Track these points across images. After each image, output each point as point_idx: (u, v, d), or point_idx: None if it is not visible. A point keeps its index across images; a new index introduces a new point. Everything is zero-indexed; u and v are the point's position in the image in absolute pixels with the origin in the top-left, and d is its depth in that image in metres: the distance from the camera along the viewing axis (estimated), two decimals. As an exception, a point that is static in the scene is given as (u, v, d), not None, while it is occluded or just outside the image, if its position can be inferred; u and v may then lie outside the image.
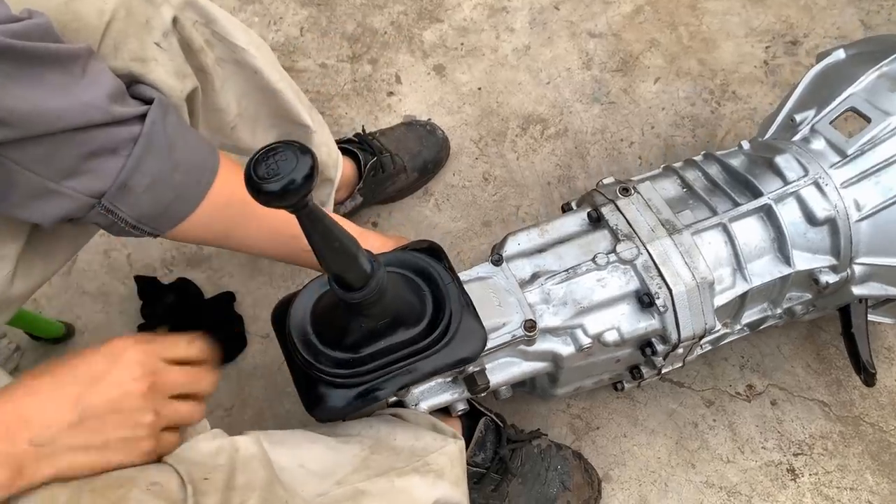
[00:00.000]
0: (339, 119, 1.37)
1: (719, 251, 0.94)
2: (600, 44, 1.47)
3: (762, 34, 1.50)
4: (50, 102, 0.59)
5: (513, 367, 0.92)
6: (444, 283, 0.79)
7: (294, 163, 0.52)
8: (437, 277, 0.79)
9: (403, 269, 0.80)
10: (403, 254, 0.82)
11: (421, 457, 0.76)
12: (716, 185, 0.99)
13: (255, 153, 0.54)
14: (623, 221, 0.94)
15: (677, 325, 0.91)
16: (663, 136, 1.38)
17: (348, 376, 0.74)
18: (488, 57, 1.45)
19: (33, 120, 0.58)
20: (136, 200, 0.68)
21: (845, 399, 1.15)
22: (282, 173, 0.52)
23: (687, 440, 1.11)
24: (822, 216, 0.93)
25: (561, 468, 0.99)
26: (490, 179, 1.32)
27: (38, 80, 0.58)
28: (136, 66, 0.71)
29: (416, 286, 0.79)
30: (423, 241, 0.86)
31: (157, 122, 0.67)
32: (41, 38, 0.59)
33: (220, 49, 0.82)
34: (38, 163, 0.61)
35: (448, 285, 0.79)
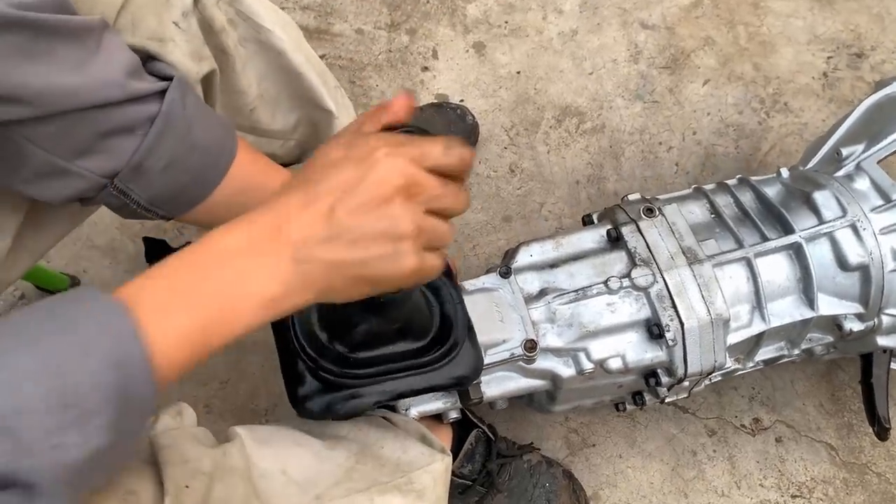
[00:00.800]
0: (369, 91, 1.32)
1: (740, 287, 0.89)
2: (652, 36, 1.40)
3: (826, 42, 1.41)
4: (65, 79, 0.56)
5: (509, 381, 0.90)
6: (453, 302, 0.77)
7: None
8: (445, 294, 0.77)
9: None
10: None
11: (406, 472, 0.74)
12: (746, 215, 0.94)
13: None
14: (643, 244, 0.89)
15: (685, 361, 0.87)
16: (704, 143, 1.31)
17: (340, 375, 0.72)
18: (532, 38, 1.38)
19: (47, 97, 0.55)
20: (150, 182, 0.66)
21: (854, 445, 1.11)
22: None
23: (683, 468, 1.08)
24: (856, 262, 0.88)
25: (549, 486, 0.98)
26: (517, 171, 1.27)
27: (52, 54, 0.55)
28: (152, 44, 0.68)
29: (427, 299, 0.76)
30: None
31: (176, 100, 0.64)
32: (55, 9, 0.56)
33: (243, 28, 0.78)
34: (50, 140, 0.58)
35: (457, 305, 0.77)
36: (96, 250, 1.16)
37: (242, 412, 1.09)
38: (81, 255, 1.16)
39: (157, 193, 0.66)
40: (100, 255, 1.16)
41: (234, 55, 0.77)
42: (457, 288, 0.80)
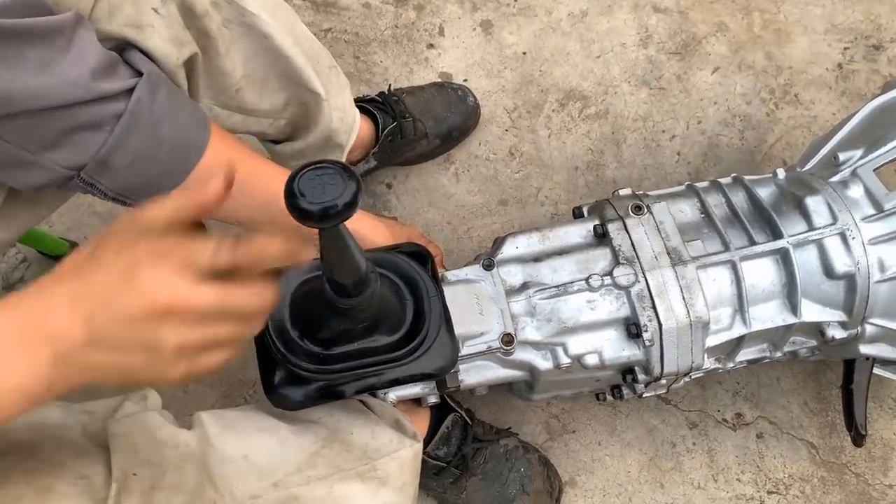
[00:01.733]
0: (373, 67, 1.32)
1: (723, 289, 0.89)
2: (663, 20, 1.37)
3: (843, 32, 1.37)
4: (30, 81, 0.57)
5: (488, 371, 0.91)
6: (428, 296, 0.78)
7: (339, 189, 0.50)
8: (421, 288, 0.77)
9: (391, 273, 0.78)
10: (393, 256, 0.80)
11: (371, 459, 0.76)
12: (736, 216, 0.93)
13: (299, 168, 0.52)
14: (627, 243, 0.89)
15: (661, 360, 0.88)
16: (709, 133, 1.30)
17: (313, 371, 0.74)
18: (541, 18, 1.36)
19: (12, 99, 0.57)
20: (116, 175, 0.67)
21: (836, 444, 1.11)
22: (326, 196, 0.50)
23: (661, 459, 1.10)
24: (842, 271, 0.87)
25: (524, 471, 1.00)
26: (516, 155, 1.27)
27: (18, 58, 0.56)
28: (130, 31, 0.68)
29: (400, 293, 0.77)
30: (412, 244, 0.84)
31: (143, 98, 0.65)
32: (24, 11, 0.57)
33: (227, 11, 0.78)
34: (15, 135, 0.60)
35: (432, 298, 0.78)
36: (97, 217, 1.18)
37: (231, 382, 1.12)
38: (83, 222, 1.18)
39: (124, 186, 0.67)
40: (101, 222, 1.18)
41: (218, 38, 0.77)
42: (436, 280, 0.81)
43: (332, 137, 0.99)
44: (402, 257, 0.80)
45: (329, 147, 1.01)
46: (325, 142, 0.99)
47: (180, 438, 0.66)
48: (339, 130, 0.99)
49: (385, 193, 1.24)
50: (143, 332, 0.47)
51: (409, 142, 1.16)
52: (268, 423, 0.76)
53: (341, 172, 0.51)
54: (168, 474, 0.61)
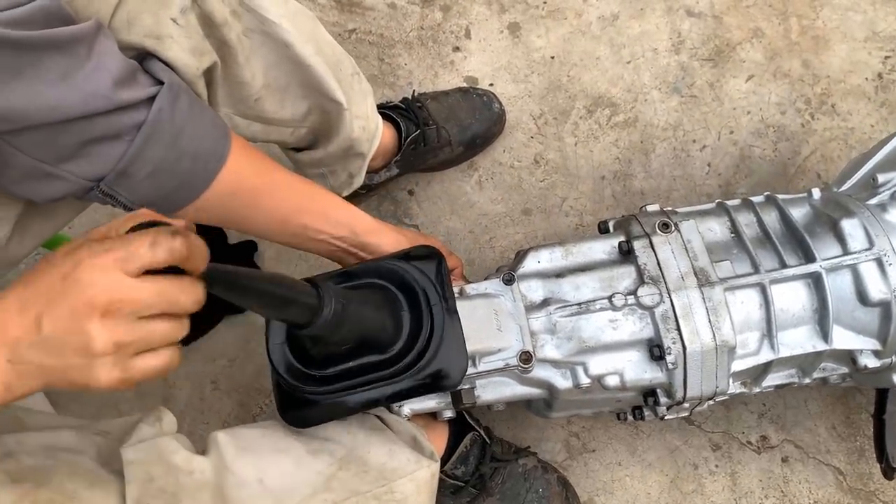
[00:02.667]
0: (397, 70, 1.30)
1: (751, 313, 0.86)
2: (696, 25, 1.33)
3: (885, 41, 1.32)
4: (49, 94, 0.56)
5: (505, 387, 0.89)
6: (429, 304, 0.76)
7: None
8: (421, 298, 0.75)
9: (388, 282, 0.77)
10: (391, 265, 0.78)
11: (388, 481, 0.75)
12: (767, 237, 0.90)
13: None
14: (653, 261, 0.87)
15: (685, 384, 0.85)
16: (741, 144, 1.26)
17: (313, 392, 0.73)
18: (570, 22, 1.33)
19: (31, 114, 0.56)
20: (136, 186, 0.66)
21: (864, 471, 1.08)
22: None
23: (683, 481, 1.07)
24: (877, 298, 0.84)
25: (542, 492, 0.98)
26: (541, 163, 1.24)
27: (38, 69, 0.56)
28: (150, 42, 0.67)
29: (395, 305, 0.75)
30: (422, 246, 0.82)
31: (164, 108, 0.64)
32: (45, 21, 0.56)
33: (247, 19, 0.77)
34: (35, 147, 0.60)
35: (434, 306, 0.76)
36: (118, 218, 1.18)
37: (248, 390, 1.11)
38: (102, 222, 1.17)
39: (143, 196, 0.66)
40: (120, 224, 1.18)
41: (237, 47, 0.76)
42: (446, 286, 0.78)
43: (353, 147, 0.97)
44: (402, 265, 0.78)
45: (350, 156, 1.00)
46: (347, 151, 0.98)
47: (195, 465, 0.65)
48: (361, 139, 0.98)
49: (407, 200, 1.22)
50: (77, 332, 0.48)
51: (433, 149, 1.14)
52: (284, 442, 0.75)
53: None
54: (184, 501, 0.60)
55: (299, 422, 0.76)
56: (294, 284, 0.60)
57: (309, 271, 1.16)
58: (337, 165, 1.02)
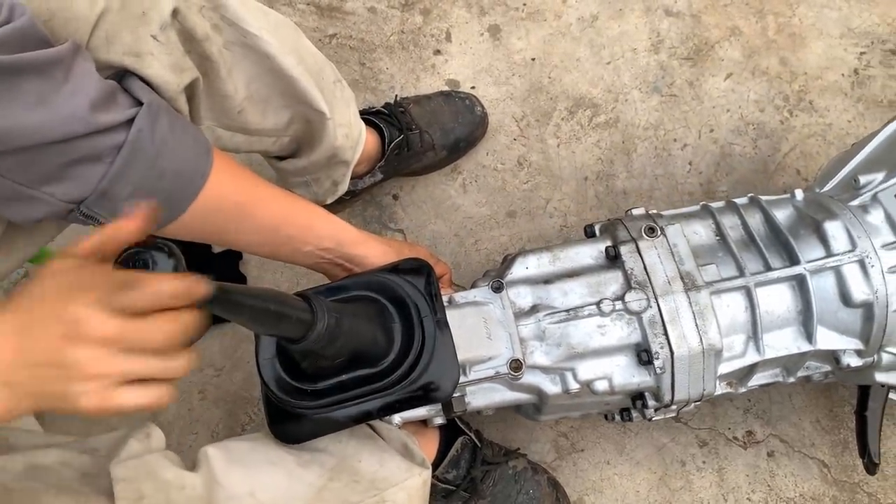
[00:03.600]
0: (378, 74, 1.29)
1: (737, 316, 0.87)
2: (675, 25, 1.34)
3: (860, 37, 1.34)
4: (26, 118, 0.56)
5: (495, 393, 0.90)
6: (420, 317, 0.76)
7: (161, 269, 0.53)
8: (412, 310, 0.75)
9: (379, 295, 0.76)
10: (382, 278, 0.78)
11: (380, 490, 0.75)
12: (752, 240, 0.91)
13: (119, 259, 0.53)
14: (640, 266, 0.87)
15: (672, 388, 0.86)
16: (721, 142, 1.27)
17: (305, 406, 0.73)
18: (550, 23, 1.33)
19: (8, 136, 0.55)
20: (117, 207, 0.65)
21: (848, 463, 1.10)
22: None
23: (671, 478, 1.08)
24: (860, 299, 0.85)
25: (532, 493, 0.99)
26: (524, 165, 1.24)
27: (14, 93, 0.55)
28: (129, 60, 0.66)
29: (386, 317, 0.75)
30: (411, 259, 0.82)
31: (143, 129, 0.63)
32: (20, 44, 0.55)
33: (228, 32, 0.76)
34: (13, 170, 0.59)
35: (424, 319, 0.76)
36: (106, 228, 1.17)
37: (236, 400, 1.11)
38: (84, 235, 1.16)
39: None
40: (101, 235, 1.17)
41: (219, 61, 0.75)
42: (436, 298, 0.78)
43: (336, 154, 0.97)
44: (392, 278, 0.78)
45: (334, 164, 0.99)
46: (330, 159, 0.97)
47: (186, 481, 0.64)
48: (344, 147, 0.97)
49: (391, 205, 1.22)
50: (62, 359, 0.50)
51: (416, 154, 1.14)
52: (275, 454, 0.74)
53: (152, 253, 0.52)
54: None
55: (290, 437, 0.76)
56: (286, 299, 0.59)
57: (293, 278, 1.15)
58: (321, 173, 1.01)
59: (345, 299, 0.76)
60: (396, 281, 0.77)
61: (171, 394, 0.53)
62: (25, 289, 0.52)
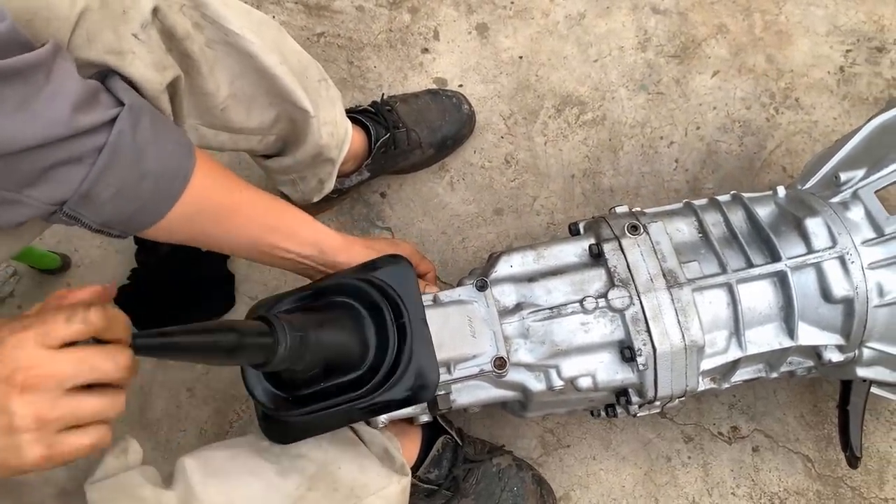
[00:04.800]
0: (366, 73, 1.29)
1: (719, 312, 0.88)
2: (662, 22, 1.34)
3: (846, 34, 1.34)
4: (7, 124, 0.55)
5: (480, 391, 0.90)
6: (396, 320, 0.75)
7: None
8: (386, 315, 0.75)
9: (353, 300, 0.76)
10: (357, 283, 0.77)
11: (359, 498, 0.76)
12: (734, 237, 0.92)
13: None
14: (623, 264, 0.88)
15: (655, 384, 0.87)
16: (707, 139, 1.28)
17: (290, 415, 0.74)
18: (537, 21, 1.34)
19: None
20: (99, 208, 0.65)
21: (832, 458, 1.11)
22: None
23: (656, 473, 1.09)
24: (840, 295, 0.86)
25: (517, 490, 0.99)
26: (512, 163, 1.25)
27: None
28: (111, 58, 0.66)
29: (360, 323, 0.75)
30: (389, 256, 0.82)
31: (124, 131, 0.64)
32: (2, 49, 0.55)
33: (210, 31, 0.76)
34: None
35: (399, 324, 0.76)
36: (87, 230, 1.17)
37: (224, 397, 1.11)
38: (73, 234, 1.16)
39: (107, 217, 0.66)
40: (91, 236, 1.17)
41: (200, 59, 0.75)
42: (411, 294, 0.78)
43: (322, 153, 0.97)
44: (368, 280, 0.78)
45: (320, 162, 1.00)
46: (316, 157, 0.98)
47: (162, 499, 0.65)
48: (330, 146, 0.98)
49: (379, 203, 1.22)
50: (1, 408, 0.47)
51: (403, 152, 1.15)
52: (254, 463, 0.75)
53: None
54: None
55: (279, 438, 0.77)
56: (242, 328, 0.58)
57: (280, 276, 1.16)
58: (307, 172, 1.02)
59: (316, 307, 0.76)
60: (373, 282, 0.77)
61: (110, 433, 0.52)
62: None
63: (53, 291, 0.56)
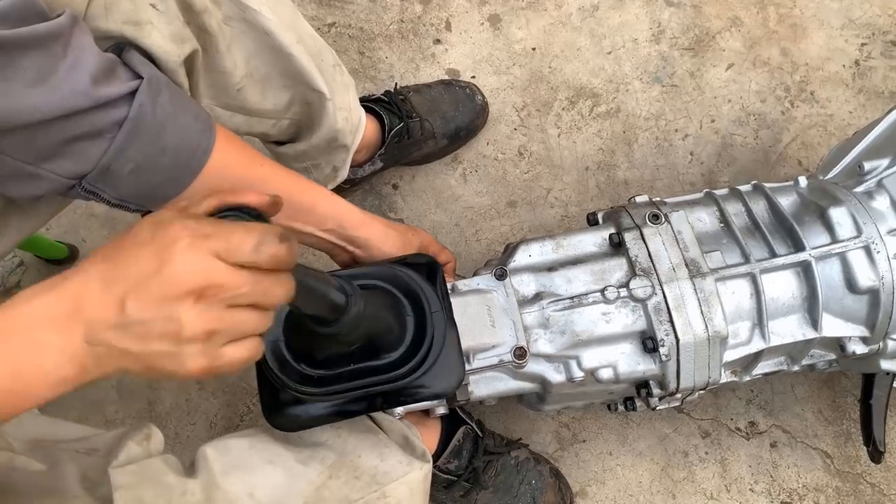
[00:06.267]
0: (378, 63, 1.28)
1: (742, 303, 0.86)
2: (676, 15, 1.33)
3: (861, 28, 1.33)
4: (27, 95, 0.54)
5: (498, 382, 0.89)
6: (431, 311, 0.75)
7: None
8: (424, 303, 0.75)
9: (392, 287, 0.76)
10: (395, 270, 0.77)
11: (381, 485, 0.74)
12: (756, 227, 0.90)
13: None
14: (644, 253, 0.86)
15: (678, 375, 0.85)
16: (722, 132, 1.26)
17: (310, 393, 0.72)
18: (550, 13, 1.32)
19: (10, 114, 0.54)
20: (119, 183, 0.64)
21: (851, 454, 1.09)
22: None
23: (673, 469, 1.08)
24: (866, 286, 0.85)
25: (535, 483, 0.98)
26: (525, 155, 1.23)
27: (14, 69, 0.53)
28: (129, 29, 0.65)
29: (399, 309, 0.74)
30: (420, 254, 0.81)
31: (145, 103, 0.62)
32: (20, 18, 0.54)
33: (228, 7, 0.75)
34: (14, 147, 0.57)
35: (435, 314, 0.75)
36: (95, 219, 1.15)
37: (234, 390, 1.09)
38: (80, 224, 1.15)
39: (128, 192, 0.65)
40: (99, 225, 1.15)
41: (218, 35, 0.74)
42: (442, 293, 0.78)
43: (336, 138, 0.96)
44: (404, 270, 0.77)
45: (334, 148, 0.98)
46: (330, 143, 0.96)
47: (188, 486, 0.63)
48: (344, 131, 0.96)
49: (391, 194, 1.21)
50: (169, 317, 0.47)
51: (416, 142, 1.13)
52: (273, 452, 0.73)
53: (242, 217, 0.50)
54: None
55: (289, 425, 0.74)
56: (328, 279, 0.58)
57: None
58: (321, 158, 1.00)
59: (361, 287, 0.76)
60: (409, 273, 0.76)
61: (262, 347, 0.51)
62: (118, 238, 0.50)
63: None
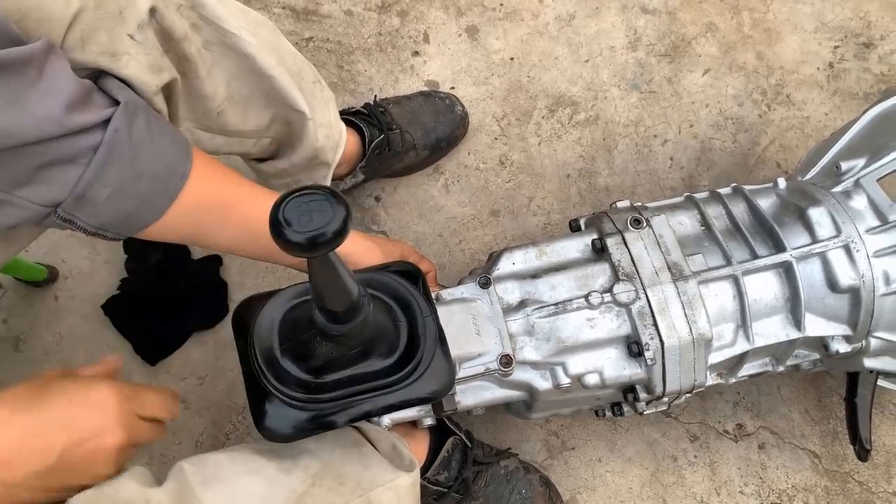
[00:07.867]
0: (357, 76, 1.28)
1: (725, 305, 0.87)
2: (652, 22, 1.34)
3: (833, 31, 1.35)
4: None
5: (485, 391, 0.88)
6: (422, 316, 0.74)
7: (328, 216, 0.48)
8: (415, 309, 0.74)
9: (384, 295, 0.75)
10: (384, 276, 0.76)
11: (366, 490, 0.73)
12: (737, 229, 0.91)
13: (284, 195, 0.49)
14: (627, 258, 0.87)
15: (664, 379, 0.86)
16: (701, 137, 1.27)
17: (305, 400, 0.71)
18: (527, 23, 1.33)
19: None
20: (95, 210, 0.63)
21: (838, 453, 1.10)
22: (313, 224, 0.48)
23: (663, 473, 1.08)
24: (846, 284, 0.85)
25: (525, 493, 0.97)
26: (506, 164, 1.24)
27: None
28: (105, 60, 0.64)
29: (393, 315, 0.74)
30: (402, 262, 0.81)
31: (120, 129, 0.61)
32: None
33: (207, 32, 0.75)
34: None
35: (426, 318, 0.74)
36: (75, 240, 1.14)
37: (220, 408, 1.08)
38: (60, 245, 1.13)
39: (104, 220, 0.64)
40: (79, 246, 1.14)
41: (198, 61, 0.73)
42: (429, 299, 0.78)
43: (317, 155, 0.96)
44: (395, 279, 0.77)
45: (315, 165, 0.98)
46: (311, 160, 0.96)
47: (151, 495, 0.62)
48: (325, 148, 0.96)
49: (374, 207, 1.20)
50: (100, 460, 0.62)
51: (397, 153, 1.13)
52: (254, 463, 0.72)
53: (329, 198, 0.49)
54: None
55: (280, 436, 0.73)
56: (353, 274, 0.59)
57: (275, 284, 1.13)
58: (302, 175, 1.00)
59: None
60: (397, 280, 0.76)
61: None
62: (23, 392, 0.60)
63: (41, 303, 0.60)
